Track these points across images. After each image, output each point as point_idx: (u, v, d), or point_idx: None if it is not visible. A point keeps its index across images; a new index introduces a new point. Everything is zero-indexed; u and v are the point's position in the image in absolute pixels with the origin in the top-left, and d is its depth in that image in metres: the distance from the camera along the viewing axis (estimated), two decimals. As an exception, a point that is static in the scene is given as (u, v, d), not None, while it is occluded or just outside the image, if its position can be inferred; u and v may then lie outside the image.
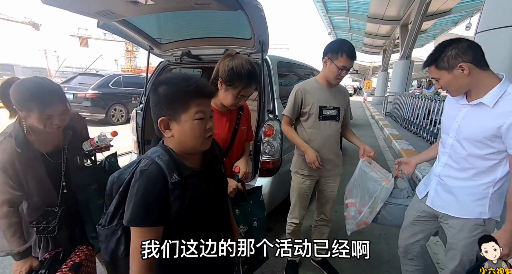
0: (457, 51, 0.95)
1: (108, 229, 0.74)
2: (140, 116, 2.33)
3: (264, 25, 1.56)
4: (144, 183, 0.66)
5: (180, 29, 1.99)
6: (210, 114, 0.74)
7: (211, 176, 0.81)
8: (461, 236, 1.09)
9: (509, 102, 0.91)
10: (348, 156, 4.77)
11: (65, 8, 1.33)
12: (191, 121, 0.69)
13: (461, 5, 11.02)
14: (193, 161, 0.77)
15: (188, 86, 0.69)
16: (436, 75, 1.02)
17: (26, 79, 0.99)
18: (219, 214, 0.84)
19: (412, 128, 6.60)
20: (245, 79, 1.12)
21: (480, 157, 1.00)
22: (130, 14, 1.50)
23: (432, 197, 1.17)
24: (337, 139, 1.60)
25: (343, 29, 17.21)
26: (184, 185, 0.71)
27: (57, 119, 1.01)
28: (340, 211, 2.65)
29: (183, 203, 0.70)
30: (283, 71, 2.51)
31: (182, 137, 0.71)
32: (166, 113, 0.70)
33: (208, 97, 0.73)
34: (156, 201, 0.67)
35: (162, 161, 0.70)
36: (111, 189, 0.75)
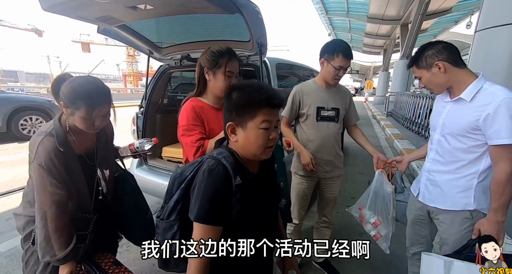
0: (433, 51, 1.05)
1: (166, 223, 0.78)
2: (140, 119, 2.34)
3: (262, 27, 1.56)
4: (212, 182, 0.70)
5: (179, 33, 2.00)
6: (276, 124, 0.74)
7: (267, 182, 0.84)
8: (452, 231, 1.13)
9: (485, 96, 0.98)
10: (350, 157, 4.77)
11: (65, 15, 1.34)
12: (256, 129, 0.71)
13: (461, 3, 11.01)
14: (253, 166, 0.79)
15: (259, 95, 0.71)
16: (418, 74, 1.12)
17: (80, 77, 0.99)
18: (272, 221, 0.87)
19: (413, 128, 6.57)
20: (226, 54, 1.15)
21: (464, 150, 1.05)
22: (130, 19, 1.52)
23: (423, 192, 1.23)
24: (337, 140, 1.59)
25: (343, 30, 17.26)
26: (247, 188, 0.73)
27: (98, 121, 1.00)
28: (343, 213, 2.64)
29: (243, 206, 0.73)
30: (282, 72, 2.52)
31: (246, 143, 0.73)
32: (234, 118, 0.73)
33: (276, 107, 0.74)
34: (222, 202, 0.70)
35: (228, 163, 0.72)
36: (172, 184, 0.80)
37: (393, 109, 9.65)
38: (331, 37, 17.94)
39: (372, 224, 1.44)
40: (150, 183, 2.17)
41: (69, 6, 1.23)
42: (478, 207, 1.07)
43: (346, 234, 2.22)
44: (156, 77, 2.40)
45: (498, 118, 0.93)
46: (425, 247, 1.33)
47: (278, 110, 0.76)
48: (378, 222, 1.43)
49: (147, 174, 2.27)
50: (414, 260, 1.38)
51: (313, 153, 1.51)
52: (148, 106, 2.37)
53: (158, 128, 2.61)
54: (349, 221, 2.46)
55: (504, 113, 0.92)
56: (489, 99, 0.96)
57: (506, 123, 0.91)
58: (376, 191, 1.45)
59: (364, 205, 1.48)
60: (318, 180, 1.62)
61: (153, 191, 2.21)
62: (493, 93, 0.96)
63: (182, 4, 1.30)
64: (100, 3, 1.18)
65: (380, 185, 1.44)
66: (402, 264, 1.85)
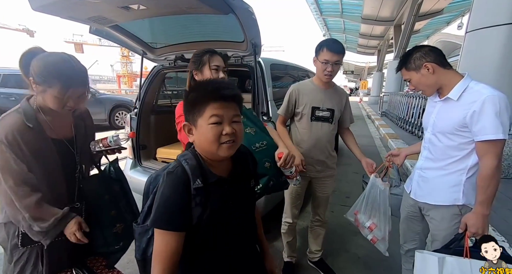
0: (421, 54, 1.10)
1: (141, 228, 0.76)
2: (134, 121, 2.32)
3: (255, 28, 1.57)
4: (168, 186, 0.67)
5: (173, 34, 1.99)
6: (233, 118, 0.69)
7: (238, 188, 0.78)
8: (442, 227, 1.16)
9: (471, 94, 1.02)
10: (344, 156, 4.80)
11: (56, 15, 1.32)
12: (205, 125, 0.67)
13: (452, 5, 11.19)
14: (221, 169, 0.75)
15: (206, 89, 0.68)
16: (407, 76, 1.16)
17: (54, 53, 0.92)
18: (245, 229, 0.81)
19: (407, 127, 6.65)
20: (206, 52, 1.23)
21: (454, 148, 1.09)
22: (122, 19, 1.50)
23: (414, 189, 1.27)
24: (330, 140, 1.60)
25: (337, 31, 17.39)
26: (208, 192, 0.69)
27: (72, 102, 0.93)
28: (337, 212, 2.67)
29: (204, 211, 0.69)
30: (277, 73, 2.52)
31: (200, 142, 0.70)
32: (188, 118, 0.72)
33: (226, 100, 0.68)
34: (178, 206, 0.66)
35: (188, 165, 0.69)
36: (148, 189, 0.79)
37: (387, 109, 9.76)
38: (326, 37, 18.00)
39: (368, 228, 1.45)
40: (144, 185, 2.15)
41: (60, 6, 1.21)
42: (466, 202, 1.11)
43: (341, 233, 2.23)
44: (150, 78, 2.38)
45: (483, 115, 0.96)
46: (418, 244, 1.35)
47: (232, 104, 0.70)
48: (373, 226, 1.44)
49: (141, 175, 2.25)
50: (408, 257, 1.40)
51: (306, 152, 1.52)
52: (142, 107, 2.35)
53: (152, 129, 2.59)
54: (344, 220, 2.47)
55: (489, 110, 0.95)
56: (475, 97, 0.99)
57: (491, 119, 0.95)
58: (371, 194, 1.46)
59: (359, 210, 1.48)
60: (310, 179, 1.62)
61: (147, 193, 2.20)
62: (478, 91, 1.00)
63: (175, 5, 1.30)
64: (91, 3, 1.17)
65: (375, 188, 1.45)
66: (395, 262, 1.86)
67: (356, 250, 2.03)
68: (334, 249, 2.02)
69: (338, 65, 1.43)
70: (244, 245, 0.81)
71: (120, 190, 1.22)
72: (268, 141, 1.23)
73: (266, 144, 1.20)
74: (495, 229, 2.06)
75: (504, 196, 2.71)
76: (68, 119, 1.06)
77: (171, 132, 2.93)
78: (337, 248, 2.04)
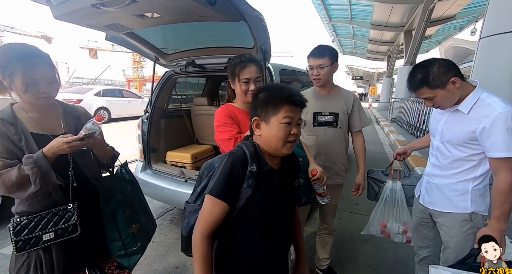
0: (444, 69, 1.02)
1: (192, 206, 0.86)
2: (145, 124, 2.37)
3: (265, 34, 1.59)
4: (230, 162, 0.77)
5: (184, 40, 2.05)
6: (298, 121, 0.80)
7: (285, 182, 0.87)
8: (453, 233, 1.15)
9: (481, 108, 1.00)
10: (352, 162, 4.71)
11: (75, 23, 1.39)
12: (278, 123, 0.77)
13: (465, 10, 11.00)
14: (273, 162, 0.84)
15: (282, 93, 0.78)
16: (430, 94, 1.06)
17: (9, 43, 0.93)
18: (284, 223, 0.88)
19: (418, 134, 6.51)
20: (239, 63, 1.22)
21: (463, 159, 1.09)
22: (137, 26, 1.56)
23: (423, 194, 1.27)
24: (338, 146, 1.56)
25: (346, 36, 17.34)
26: (259, 178, 0.78)
27: (44, 86, 0.93)
28: (346, 219, 2.62)
29: (254, 194, 0.77)
30: (286, 78, 2.54)
31: (268, 136, 0.79)
32: (259, 114, 0.81)
33: (297, 105, 0.79)
34: (233, 181, 0.76)
35: (248, 150, 0.79)
36: (202, 172, 0.88)
37: (398, 115, 9.59)
38: (335, 43, 18.04)
39: (402, 233, 1.45)
40: (154, 187, 2.18)
41: (79, 15, 1.27)
42: (476, 210, 1.10)
43: (350, 241, 2.19)
44: (162, 82, 2.44)
45: (494, 132, 0.95)
46: (432, 251, 1.33)
47: (299, 109, 0.81)
48: (406, 228, 1.45)
49: (151, 178, 2.28)
50: (422, 266, 1.37)
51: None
52: (153, 111, 2.40)
53: (162, 132, 2.64)
54: (353, 227, 2.43)
55: (500, 127, 0.94)
56: (486, 112, 0.98)
57: (502, 136, 0.94)
58: (390, 200, 1.47)
59: (385, 220, 1.48)
60: None
61: (156, 196, 2.23)
62: (489, 106, 0.98)
63: (187, 12, 1.34)
64: (109, 12, 1.22)
65: (392, 192, 1.46)
66: (405, 272, 1.81)
67: (366, 258, 1.98)
68: (343, 257, 1.98)
69: (323, 68, 1.43)
70: (280, 239, 0.87)
71: (132, 190, 1.25)
72: (304, 157, 1.23)
73: (301, 160, 1.20)
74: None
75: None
76: (55, 115, 1.06)
77: (181, 136, 2.99)
78: (346, 256, 2.00)
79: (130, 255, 1.13)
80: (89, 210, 1.07)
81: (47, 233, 0.96)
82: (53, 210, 0.98)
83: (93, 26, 1.48)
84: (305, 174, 1.19)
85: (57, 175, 0.95)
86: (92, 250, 1.10)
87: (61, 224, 0.98)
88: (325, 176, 1.20)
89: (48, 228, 0.96)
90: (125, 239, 1.12)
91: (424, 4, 9.23)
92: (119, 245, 1.11)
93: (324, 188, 1.20)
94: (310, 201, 1.27)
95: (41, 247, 0.96)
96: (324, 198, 1.23)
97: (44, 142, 0.94)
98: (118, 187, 1.16)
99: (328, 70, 1.45)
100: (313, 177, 1.16)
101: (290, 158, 0.90)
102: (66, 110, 1.11)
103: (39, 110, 1.01)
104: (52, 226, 0.97)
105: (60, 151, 0.92)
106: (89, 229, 1.07)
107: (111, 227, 1.10)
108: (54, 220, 0.98)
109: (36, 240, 0.94)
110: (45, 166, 0.90)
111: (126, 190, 1.20)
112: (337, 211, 1.74)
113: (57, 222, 0.98)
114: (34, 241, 0.94)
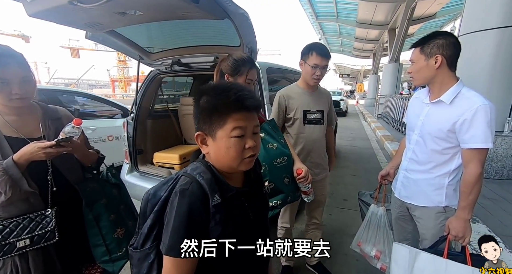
0: (443, 42, 1.03)
1: (140, 252, 0.65)
2: (131, 125, 2.32)
3: (251, 32, 1.58)
4: (185, 205, 0.58)
5: (169, 38, 2.01)
6: (254, 130, 0.64)
7: (255, 197, 0.72)
8: (429, 225, 1.19)
9: (462, 101, 1.03)
10: (341, 159, 4.82)
11: (52, 20, 1.33)
12: (227, 138, 0.60)
13: (445, 9, 11.40)
14: (235, 180, 0.69)
15: (227, 98, 0.60)
16: (415, 58, 1.09)
17: None
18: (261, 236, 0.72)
19: (403, 129, 6.70)
20: (247, 63, 1.23)
21: (439, 152, 1.11)
22: (119, 25, 1.51)
23: (399, 189, 1.29)
24: (323, 142, 1.62)
25: (333, 34, 17.57)
26: (226, 207, 0.62)
27: (16, 86, 0.89)
28: (335, 215, 2.66)
29: (225, 229, 0.62)
30: (273, 77, 2.54)
31: (218, 155, 0.63)
32: (202, 127, 0.64)
33: (249, 110, 0.62)
34: (197, 229, 0.59)
35: (203, 180, 0.62)
36: (145, 207, 0.67)
37: (384, 112, 9.84)
38: (322, 41, 18.25)
39: (374, 256, 1.45)
40: (141, 190, 2.14)
41: (55, 12, 1.21)
42: (449, 204, 1.14)
43: (339, 236, 2.23)
44: (147, 82, 2.39)
45: (475, 124, 0.98)
46: (411, 243, 1.35)
47: (254, 114, 0.64)
48: (379, 254, 1.43)
49: (138, 180, 2.24)
50: None
51: (304, 157, 1.52)
52: (138, 112, 2.35)
53: (149, 133, 2.58)
54: (342, 223, 2.48)
55: (481, 119, 0.97)
56: (467, 105, 1.00)
57: (483, 128, 0.97)
58: (371, 222, 1.47)
59: (362, 240, 1.48)
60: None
61: (144, 198, 2.18)
62: (470, 99, 1.01)
63: (171, 10, 1.31)
64: (87, 9, 1.18)
65: (374, 215, 1.46)
66: (394, 264, 1.86)
67: (354, 253, 2.02)
68: (332, 252, 2.01)
69: (325, 69, 1.45)
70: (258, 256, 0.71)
71: (119, 194, 1.21)
72: (288, 155, 1.22)
73: (287, 160, 1.20)
74: (490, 230, 2.07)
75: (498, 197, 2.74)
76: (34, 118, 1.02)
77: (168, 136, 2.94)
78: (335, 251, 2.03)
79: (115, 260, 1.09)
80: (71, 215, 1.03)
81: (22, 239, 0.91)
82: (30, 215, 0.93)
83: (72, 24, 1.42)
84: (290, 173, 1.20)
85: (34, 181, 0.90)
86: (73, 257, 1.06)
87: (37, 230, 0.94)
88: (310, 175, 1.22)
89: (24, 235, 0.91)
90: (109, 244, 1.08)
91: (406, 3, 9.49)
92: (103, 250, 1.07)
93: (309, 186, 1.21)
94: (295, 199, 1.27)
95: (16, 254, 0.91)
96: (309, 196, 1.25)
97: (20, 146, 0.90)
98: (102, 191, 1.13)
99: (326, 71, 1.47)
100: (298, 176, 1.17)
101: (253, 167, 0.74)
102: (46, 112, 1.06)
103: (16, 113, 0.97)
104: (28, 232, 0.92)
105: (34, 157, 0.88)
106: (71, 234, 1.03)
107: (94, 232, 1.07)
108: (31, 226, 0.93)
109: (10, 247, 0.89)
110: (15, 173, 0.85)
111: (111, 193, 1.17)
112: (325, 207, 1.76)
113: (34, 228, 0.93)
114: (8, 248, 0.89)
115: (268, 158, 1.16)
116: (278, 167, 1.18)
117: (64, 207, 1.01)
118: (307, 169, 1.20)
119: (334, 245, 2.10)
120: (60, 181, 1.01)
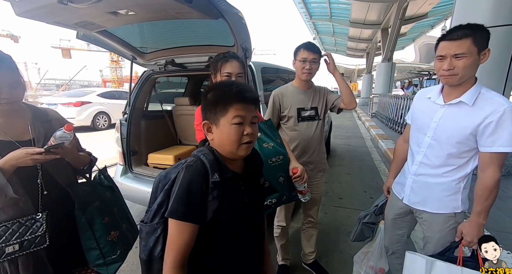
0: (488, 36, 0.92)
1: (149, 226, 0.74)
2: (124, 126, 2.29)
3: (245, 32, 1.58)
4: (188, 177, 0.69)
5: (163, 38, 1.99)
6: (252, 120, 0.74)
7: (251, 184, 0.82)
8: (435, 229, 1.14)
9: (486, 101, 0.95)
10: (336, 157, 4.85)
11: (41, 20, 1.30)
12: (229, 125, 0.71)
13: (436, 9, 11.60)
14: (235, 166, 0.78)
15: (229, 90, 0.71)
16: (466, 51, 0.91)
17: None
18: (255, 227, 0.83)
19: (397, 128, 6.79)
20: (222, 57, 1.25)
21: (456, 156, 1.04)
22: (110, 24, 1.49)
23: (409, 195, 1.20)
24: (320, 137, 1.61)
25: (327, 34, 17.68)
26: (224, 187, 0.72)
27: (5, 91, 0.87)
28: (331, 213, 2.68)
29: (221, 205, 0.71)
30: (268, 76, 2.55)
31: (221, 140, 0.73)
32: (208, 116, 0.75)
33: (247, 102, 0.73)
34: (197, 198, 0.68)
35: (206, 159, 0.72)
36: (156, 187, 0.77)
37: (377, 110, 9.94)
38: (316, 41, 18.34)
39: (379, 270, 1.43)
40: (136, 191, 2.11)
41: (45, 12, 1.19)
42: (464, 209, 1.10)
43: (335, 234, 2.24)
44: (140, 83, 2.36)
45: (503, 127, 0.92)
46: (401, 246, 1.35)
47: (252, 106, 0.75)
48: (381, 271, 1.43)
49: (132, 182, 2.21)
50: (394, 259, 1.41)
51: (299, 154, 1.53)
52: (132, 113, 2.32)
53: (143, 134, 2.55)
54: (338, 221, 2.49)
55: (508, 122, 0.91)
56: (492, 106, 0.93)
57: (509, 132, 0.91)
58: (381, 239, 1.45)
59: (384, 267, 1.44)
60: None
61: (138, 200, 2.16)
62: (493, 100, 0.95)
63: (164, 10, 1.29)
64: (78, 8, 1.16)
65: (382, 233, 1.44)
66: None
67: (350, 250, 2.04)
68: (328, 251, 2.03)
69: (316, 64, 1.47)
70: (254, 243, 0.83)
71: (112, 196, 1.19)
72: (284, 154, 1.22)
73: (282, 159, 1.20)
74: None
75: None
76: (23, 120, 1.00)
77: (163, 137, 2.92)
78: (331, 249, 2.05)
79: (109, 264, 1.07)
80: (63, 218, 1.01)
81: (11, 245, 0.88)
82: (19, 220, 0.91)
83: (62, 24, 1.39)
84: (286, 172, 1.20)
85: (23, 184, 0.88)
86: (66, 260, 1.04)
87: (27, 235, 0.91)
88: (306, 174, 1.22)
89: (13, 240, 0.89)
90: (103, 247, 1.07)
91: (398, 3, 9.62)
92: (96, 254, 1.05)
93: (305, 185, 1.21)
94: (291, 199, 1.27)
95: (5, 260, 0.88)
96: (306, 196, 1.25)
97: (8, 149, 0.88)
98: (95, 194, 1.11)
99: (318, 66, 1.49)
100: (294, 175, 1.17)
101: (253, 157, 0.85)
102: (36, 114, 1.04)
103: (4, 115, 0.94)
104: (17, 237, 0.90)
105: (21, 163, 0.86)
106: (63, 238, 1.01)
107: (87, 236, 1.05)
108: (20, 231, 0.90)
109: None
110: (0, 180, 0.83)
111: (104, 196, 1.15)
112: (321, 205, 1.77)
113: (23, 233, 0.91)
114: None
115: (263, 157, 1.15)
116: (273, 166, 1.17)
117: (56, 211, 0.99)
118: (303, 168, 1.20)
119: (330, 244, 2.11)
120: (51, 184, 0.99)
